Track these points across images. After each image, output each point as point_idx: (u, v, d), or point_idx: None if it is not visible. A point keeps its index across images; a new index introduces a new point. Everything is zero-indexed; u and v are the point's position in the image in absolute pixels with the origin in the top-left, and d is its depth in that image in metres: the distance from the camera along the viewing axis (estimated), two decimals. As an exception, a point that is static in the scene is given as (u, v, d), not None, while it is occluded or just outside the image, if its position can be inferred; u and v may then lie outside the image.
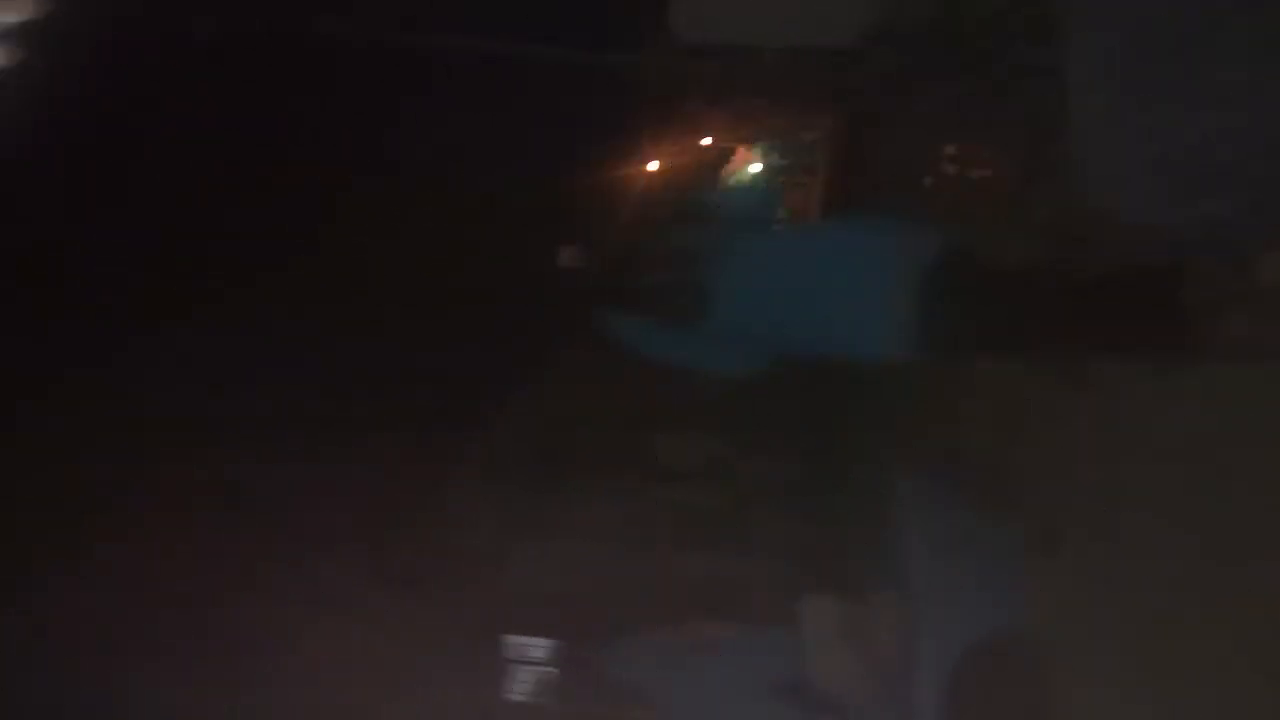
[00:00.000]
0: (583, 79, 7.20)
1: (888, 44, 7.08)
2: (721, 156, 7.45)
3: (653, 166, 7.30)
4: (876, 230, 5.23)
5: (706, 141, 7.41)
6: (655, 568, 6.62)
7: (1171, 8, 6.25)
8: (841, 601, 5.74)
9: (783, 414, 6.82)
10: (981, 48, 6.74)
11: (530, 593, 6.70)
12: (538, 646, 6.57)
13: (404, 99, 7.19)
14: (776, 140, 7.47)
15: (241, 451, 6.73)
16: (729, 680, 5.66)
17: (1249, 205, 5.76)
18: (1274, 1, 6.14)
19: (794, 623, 5.67)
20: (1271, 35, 6.16)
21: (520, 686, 6.56)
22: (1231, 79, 6.15)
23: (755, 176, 7.45)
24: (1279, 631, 4.72)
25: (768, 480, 6.75)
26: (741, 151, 7.49)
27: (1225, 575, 4.92)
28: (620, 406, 6.89)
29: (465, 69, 7.23)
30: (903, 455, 6.26)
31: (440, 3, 7.39)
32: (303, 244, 6.93)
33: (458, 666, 6.47)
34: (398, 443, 6.76)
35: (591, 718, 6.56)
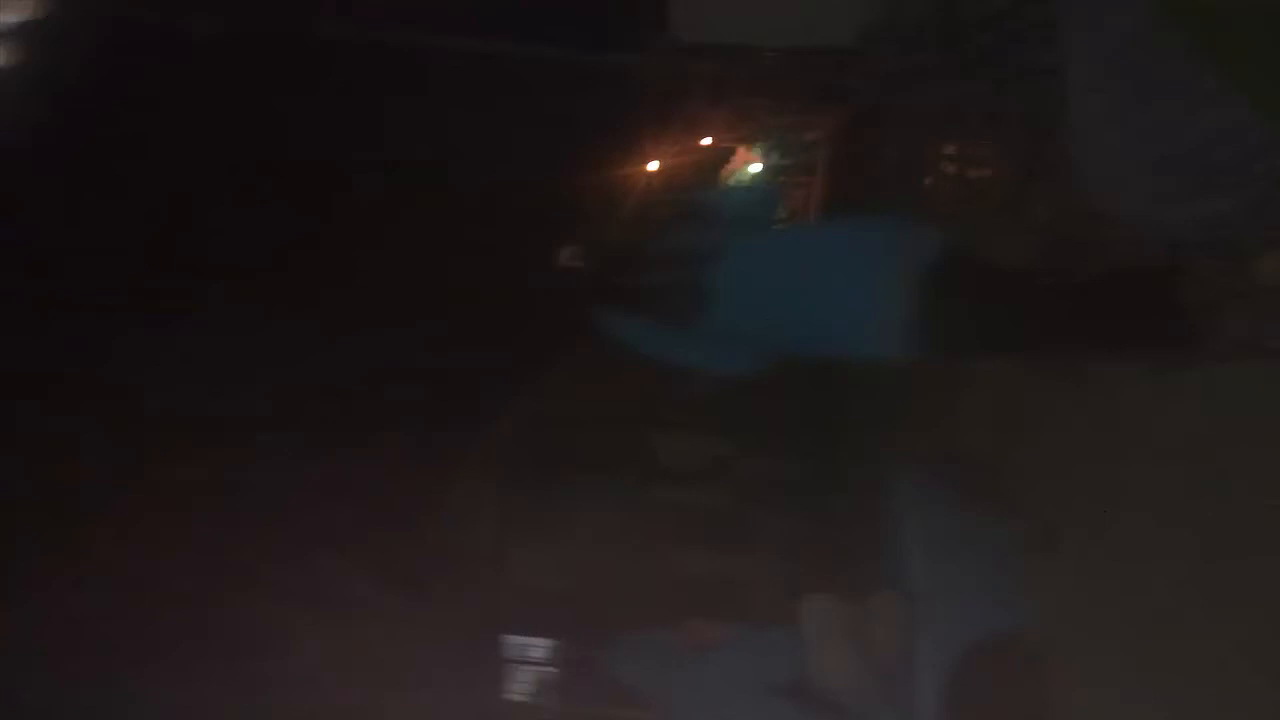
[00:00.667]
0: (583, 79, 7.20)
1: (888, 44, 7.07)
2: (721, 156, 7.46)
3: (653, 166, 7.30)
4: (876, 230, 5.19)
5: (706, 141, 7.42)
6: (655, 568, 6.62)
7: (1171, 8, 6.24)
8: (841, 601, 5.72)
9: (783, 414, 6.82)
10: (981, 48, 6.73)
11: (530, 593, 6.70)
12: (538, 646, 6.58)
13: (404, 99, 7.19)
14: (776, 140, 7.48)
15: (241, 451, 6.73)
16: (729, 680, 5.64)
17: (1249, 205, 5.74)
18: (1274, 1, 6.13)
19: (794, 623, 5.65)
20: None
21: (520, 686, 6.57)
22: (1231, 79, 6.13)
23: (755, 176, 7.46)
24: (1279, 631, 4.72)
25: (768, 480, 6.75)
26: (741, 151, 7.49)
27: (1225, 575, 4.90)
28: (620, 406, 6.89)
29: (465, 69, 7.23)
30: (903, 455, 6.25)
31: (440, 3, 7.39)
32: (302, 244, 6.93)
33: (458, 666, 6.47)
34: (398, 443, 6.76)
35: (591, 718, 6.56)
